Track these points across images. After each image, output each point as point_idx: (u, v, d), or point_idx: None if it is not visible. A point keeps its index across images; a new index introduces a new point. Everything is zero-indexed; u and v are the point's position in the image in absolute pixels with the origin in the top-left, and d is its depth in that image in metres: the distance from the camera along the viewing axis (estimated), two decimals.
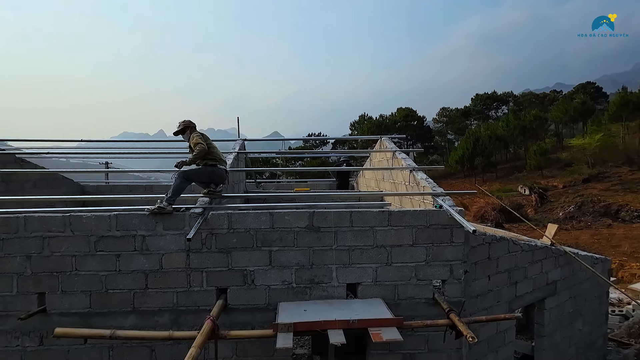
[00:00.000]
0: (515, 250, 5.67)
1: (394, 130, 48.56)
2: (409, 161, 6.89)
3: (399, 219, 4.65)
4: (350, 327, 3.93)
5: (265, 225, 4.51)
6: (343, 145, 47.11)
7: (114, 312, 4.38)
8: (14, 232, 4.31)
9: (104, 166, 17.43)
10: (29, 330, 4.33)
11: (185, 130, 5.09)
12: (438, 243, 4.69)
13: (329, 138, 57.69)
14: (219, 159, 5.09)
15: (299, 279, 4.55)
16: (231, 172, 6.88)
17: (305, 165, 34.18)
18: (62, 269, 4.34)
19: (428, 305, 4.67)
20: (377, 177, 8.77)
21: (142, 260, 4.40)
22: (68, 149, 10.47)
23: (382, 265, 4.63)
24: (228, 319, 4.35)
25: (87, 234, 4.35)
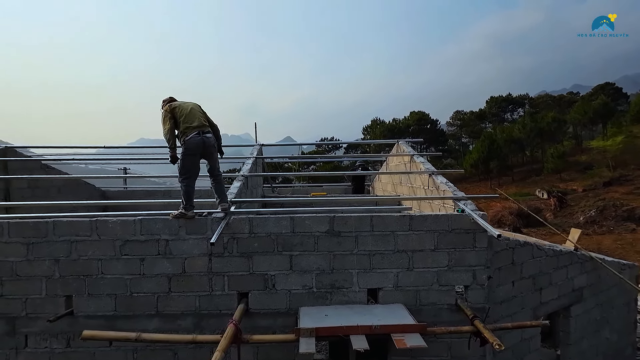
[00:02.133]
0: (539, 256, 5.54)
1: (407, 134, 48.28)
2: (427, 165, 6.83)
3: (420, 224, 4.60)
4: (372, 332, 3.90)
5: (286, 230, 4.52)
6: (356, 150, 47.04)
7: (139, 315, 4.45)
8: (43, 237, 4.43)
9: (122, 172, 17.82)
10: (56, 333, 4.44)
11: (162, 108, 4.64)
12: (460, 248, 4.62)
13: (342, 142, 57.71)
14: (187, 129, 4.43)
15: (319, 284, 4.54)
16: (250, 177, 6.95)
17: (318, 169, 34.26)
18: (89, 273, 4.44)
19: (451, 311, 4.60)
20: (394, 181, 8.71)
21: (166, 264, 4.46)
22: (88, 155, 10.76)
23: (403, 270, 4.59)
24: (249, 323, 4.37)
25: (113, 239, 4.45)
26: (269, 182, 10.90)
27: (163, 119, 4.52)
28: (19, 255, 4.42)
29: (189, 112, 4.53)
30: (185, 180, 4.52)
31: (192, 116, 4.52)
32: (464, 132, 60.43)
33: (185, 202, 4.51)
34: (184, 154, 4.47)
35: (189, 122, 4.47)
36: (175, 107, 4.53)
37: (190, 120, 4.47)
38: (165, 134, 4.47)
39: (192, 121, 4.48)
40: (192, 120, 4.48)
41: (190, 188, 4.56)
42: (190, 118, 4.50)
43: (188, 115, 4.50)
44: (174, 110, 4.51)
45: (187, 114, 4.50)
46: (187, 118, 4.49)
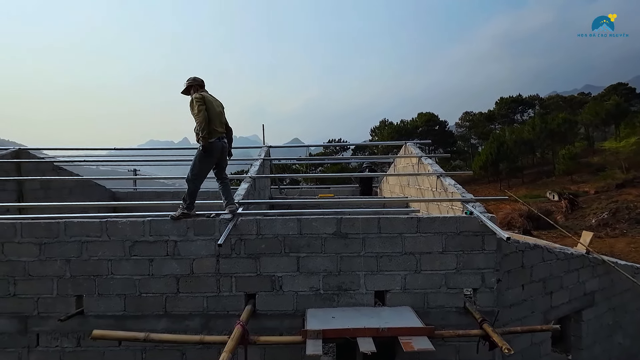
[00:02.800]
0: (550, 259, 5.46)
1: (415, 136, 48.01)
2: (435, 167, 6.78)
3: (428, 226, 4.57)
4: (379, 335, 3.88)
5: (293, 231, 4.53)
6: (364, 151, 46.93)
7: (147, 316, 4.49)
8: (55, 237, 4.51)
9: (132, 173, 18.03)
10: (67, 332, 4.50)
11: (190, 89, 4.56)
12: (469, 250, 4.57)
13: (350, 144, 57.63)
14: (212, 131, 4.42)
15: (326, 286, 4.54)
16: (257, 178, 6.98)
17: (326, 171, 34.26)
18: (99, 273, 4.50)
19: (459, 315, 4.55)
20: (402, 183, 8.67)
21: (174, 264, 4.50)
22: (99, 156, 10.92)
23: (411, 272, 4.56)
24: (256, 324, 4.38)
25: (123, 239, 4.50)
26: (276, 183, 10.93)
27: (197, 106, 4.35)
28: (31, 255, 4.50)
29: (217, 114, 4.54)
30: (196, 180, 4.56)
31: (218, 119, 4.55)
32: (473, 134, 59.88)
33: (189, 202, 4.56)
34: (203, 155, 4.48)
35: (215, 124, 4.48)
36: (206, 99, 4.46)
37: (217, 124, 4.50)
38: (201, 121, 4.30)
39: (218, 125, 4.52)
40: (218, 124, 4.52)
41: (197, 189, 4.61)
42: (217, 121, 4.52)
43: (216, 117, 4.51)
44: (204, 100, 4.43)
45: (215, 114, 4.49)
46: (215, 119, 4.48)
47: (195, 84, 4.60)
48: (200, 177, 4.60)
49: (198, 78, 4.66)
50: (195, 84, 4.60)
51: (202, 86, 4.65)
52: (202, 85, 4.65)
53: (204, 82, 4.67)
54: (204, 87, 4.68)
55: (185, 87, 4.61)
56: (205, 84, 4.69)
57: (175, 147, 11.46)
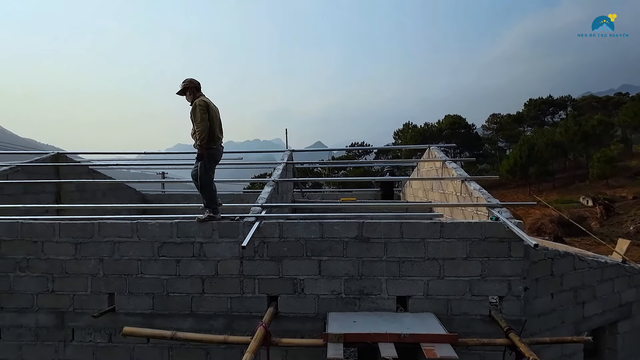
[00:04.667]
0: (581, 267, 5.24)
1: (440, 139, 47.14)
2: (460, 171, 6.66)
3: (451, 231, 4.50)
4: (401, 341, 3.85)
5: (315, 235, 4.57)
6: (387, 155, 46.47)
7: (174, 315, 4.65)
8: (89, 237, 4.75)
9: (161, 176, 18.69)
10: (100, 328, 4.72)
11: (186, 91, 4.53)
12: (494, 257, 4.47)
13: (373, 148, 57.25)
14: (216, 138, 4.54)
15: (348, 290, 4.55)
16: (280, 182, 7.08)
17: (348, 174, 34.17)
18: (129, 272, 4.70)
19: (484, 323, 4.45)
20: (425, 187, 8.56)
21: (200, 265, 4.64)
22: (130, 160, 11.38)
23: (433, 278, 4.50)
24: (278, 326, 4.44)
25: (152, 240, 4.69)
26: (299, 187, 11.03)
27: (201, 114, 4.39)
28: (68, 254, 4.76)
29: (218, 120, 4.67)
30: (208, 187, 4.68)
31: (219, 126, 4.71)
32: (500, 136, 58.17)
33: (213, 207, 4.69)
34: (211, 160, 4.65)
35: (218, 131, 4.64)
36: (209, 106, 4.54)
37: (218, 130, 4.66)
38: (203, 130, 4.37)
39: (219, 132, 4.68)
40: (219, 131, 4.67)
41: (214, 192, 4.76)
42: (218, 127, 4.65)
43: (217, 123, 4.65)
44: (208, 107, 4.51)
45: (216, 121, 4.63)
46: (216, 126, 4.61)
47: (192, 86, 4.57)
48: (210, 183, 4.72)
49: (195, 80, 4.64)
50: (192, 87, 4.57)
51: (199, 89, 4.64)
52: (199, 88, 4.63)
53: (200, 84, 4.66)
54: (201, 89, 4.66)
55: (181, 89, 4.58)
56: (201, 86, 4.67)
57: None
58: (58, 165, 8.67)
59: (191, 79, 4.66)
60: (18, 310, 4.79)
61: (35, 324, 4.77)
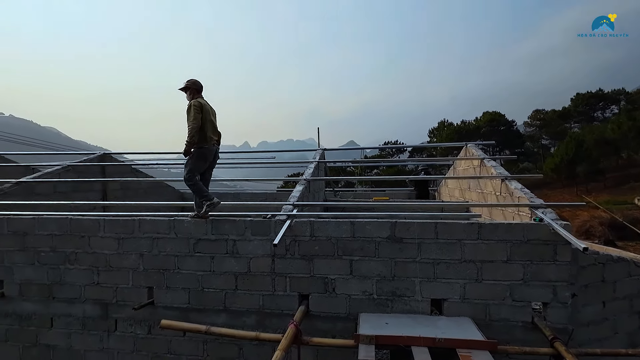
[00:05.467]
0: (637, 274, 4.80)
1: (478, 137, 45.29)
2: (499, 169, 6.34)
3: (490, 232, 4.28)
4: (436, 345, 3.70)
5: (346, 234, 4.52)
6: (421, 153, 45.36)
7: (208, 310, 4.77)
8: (131, 233, 4.98)
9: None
10: (140, 320, 4.94)
11: (187, 90, 4.86)
12: (538, 261, 4.20)
13: (407, 146, 56.06)
14: (207, 138, 4.76)
15: (380, 290, 4.45)
16: (312, 181, 7.09)
17: (381, 174, 33.71)
18: (167, 267, 4.88)
19: (526, 330, 4.19)
20: (462, 186, 8.24)
21: (233, 262, 4.73)
22: (170, 160, 11.86)
23: (470, 281, 4.30)
24: (309, 325, 4.43)
25: (187, 237, 4.84)
26: (331, 186, 11.01)
27: (193, 112, 4.63)
28: (111, 248, 5.02)
29: (211, 121, 4.89)
30: (194, 181, 4.83)
31: (213, 126, 4.95)
32: (544, 133, 54.96)
33: (204, 197, 4.81)
34: (200, 158, 4.85)
35: (210, 131, 4.85)
36: (203, 106, 4.77)
37: (211, 130, 4.88)
38: (192, 128, 4.60)
39: (213, 131, 4.92)
40: (213, 131, 4.92)
41: (201, 185, 4.90)
42: (212, 128, 4.91)
43: (210, 124, 4.87)
44: (202, 108, 4.74)
45: (210, 121, 4.84)
46: (210, 126, 4.85)
47: (193, 87, 4.88)
48: (194, 179, 4.87)
49: (198, 82, 4.94)
50: (193, 88, 4.88)
51: (200, 91, 4.93)
52: (200, 90, 4.93)
53: (202, 87, 4.97)
54: (201, 92, 4.96)
55: (184, 87, 4.90)
56: (203, 89, 4.98)
57: (237, 151, 12.07)
58: (104, 165, 9.20)
59: (195, 80, 4.96)
60: (67, 301, 5.12)
61: (83, 314, 5.08)
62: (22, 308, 5.23)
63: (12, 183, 6.89)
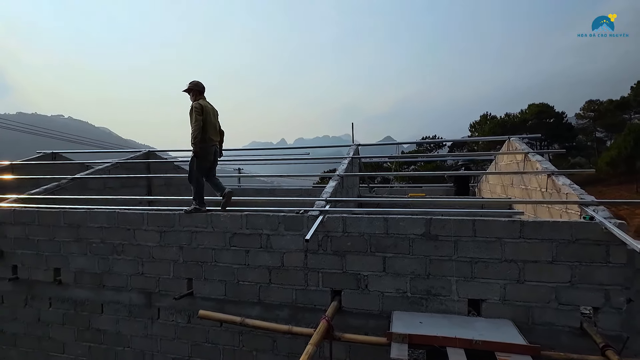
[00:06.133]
0: None
1: (524, 130, 42.74)
2: (546, 164, 5.95)
3: (534, 231, 4.03)
4: (472, 347, 3.56)
5: (380, 231, 4.45)
6: (461, 149, 43.59)
7: (243, 302, 4.90)
8: (171, 226, 5.23)
9: (236, 171, 19.96)
10: (180, 309, 5.18)
11: (190, 92, 5.06)
12: (588, 262, 3.90)
13: (445, 140, 54.08)
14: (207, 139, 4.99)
15: (414, 289, 4.35)
16: (345, 176, 7.05)
17: (419, 169, 32.86)
18: (205, 260, 5.07)
19: (573, 336, 3.92)
20: (504, 182, 7.83)
21: (267, 257, 4.82)
22: None
23: (511, 282, 4.08)
24: (342, 321, 4.42)
25: (224, 231, 4.99)
26: (365, 182, 10.89)
27: (195, 115, 4.87)
28: (154, 241, 5.30)
29: (213, 123, 5.10)
30: (197, 181, 5.18)
31: (214, 128, 5.15)
32: (598, 125, 50.83)
33: (199, 200, 5.14)
34: (203, 158, 5.08)
35: (211, 133, 5.07)
36: (204, 108, 4.98)
37: (212, 132, 5.09)
38: (194, 130, 4.86)
39: (214, 132, 5.13)
40: (213, 132, 5.12)
41: (202, 187, 5.23)
42: (213, 130, 5.11)
43: (212, 125, 5.07)
44: (203, 110, 4.95)
45: (210, 123, 5.05)
46: (211, 128, 5.05)
47: (196, 89, 5.09)
48: (199, 178, 5.20)
49: (200, 84, 5.13)
50: (196, 90, 5.09)
51: (202, 92, 5.12)
52: (202, 91, 5.13)
53: (205, 88, 5.18)
54: (203, 93, 5.16)
55: (187, 88, 5.11)
56: (205, 90, 5.18)
57: (274, 147, 12.27)
58: (149, 162, 9.72)
59: (197, 82, 5.15)
60: (116, 289, 5.48)
61: (129, 302, 5.41)
62: (77, 294, 5.67)
63: (68, 179, 7.47)
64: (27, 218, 5.88)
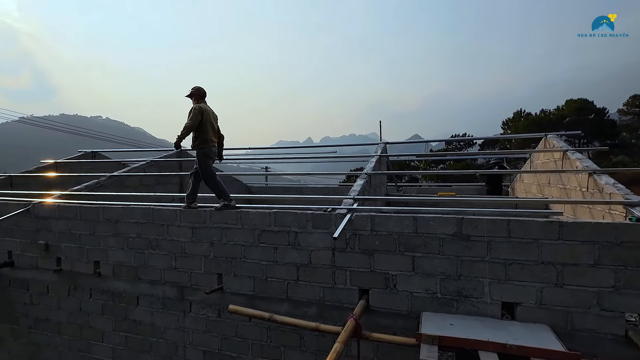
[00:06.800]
0: None
1: (561, 128, 40.68)
2: (586, 162, 5.64)
3: (573, 232, 3.83)
4: (506, 352, 3.43)
5: (408, 230, 4.37)
6: (494, 147, 42.14)
7: (272, 298, 4.97)
8: (203, 223, 5.37)
9: (264, 170, 20.28)
10: (211, 304, 5.33)
11: (192, 96, 5.37)
12: (634, 266, 3.66)
13: (477, 138, 52.40)
14: (208, 139, 5.27)
15: (444, 290, 4.25)
16: (373, 175, 6.98)
17: (448, 168, 32.04)
18: (234, 256, 5.18)
19: (617, 344, 3.69)
20: (541, 181, 7.49)
21: (295, 254, 4.86)
22: (238, 155, 12.55)
23: (549, 285, 3.90)
24: (369, 320, 4.39)
25: (253, 228, 5.08)
26: (393, 180, 10.75)
27: (194, 114, 5.14)
28: (186, 237, 5.47)
29: (212, 125, 5.38)
30: (212, 180, 5.41)
31: (214, 130, 5.44)
32: None
33: (225, 196, 5.36)
34: (205, 158, 5.37)
35: (211, 134, 5.36)
36: (204, 111, 5.27)
37: (212, 133, 5.39)
38: (191, 125, 5.13)
39: (213, 134, 5.43)
40: (213, 134, 5.41)
41: (220, 184, 5.44)
42: (212, 131, 5.40)
43: (211, 127, 5.36)
44: (203, 112, 5.24)
45: (211, 125, 5.34)
46: (211, 129, 5.35)
47: (197, 93, 5.39)
48: (213, 176, 5.46)
49: (202, 89, 5.43)
50: (198, 94, 5.39)
51: (203, 97, 5.43)
52: (203, 96, 5.43)
53: (206, 93, 5.48)
54: (205, 97, 5.46)
55: (189, 93, 5.42)
56: (206, 94, 5.48)
57: (299, 146, 12.37)
58: (181, 160, 10.04)
59: (199, 87, 5.45)
60: (151, 282, 5.71)
61: (163, 295, 5.62)
62: (115, 286, 5.95)
63: (107, 176, 7.85)
64: (70, 213, 6.23)
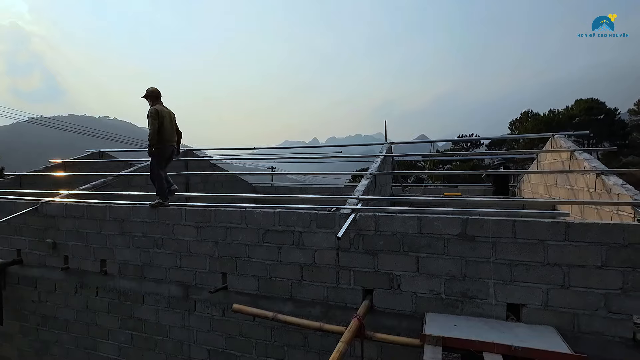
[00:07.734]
0: None
1: (570, 127, 40.20)
2: (595, 163, 5.57)
3: (580, 233, 3.79)
4: (511, 354, 3.40)
5: (413, 230, 4.35)
6: (500, 147, 41.77)
7: (276, 298, 4.98)
8: (207, 222, 5.40)
9: (270, 170, 20.35)
10: (215, 302, 5.35)
11: (147, 98, 5.56)
12: None
13: (483, 138, 51.97)
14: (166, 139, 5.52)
15: (448, 290, 4.22)
16: (378, 175, 6.96)
17: (454, 169, 31.85)
18: (239, 255, 5.19)
19: (625, 347, 3.64)
20: (548, 182, 7.41)
21: (299, 253, 4.86)
22: (244, 155, 12.60)
23: (555, 287, 3.86)
24: (373, 320, 4.38)
25: (257, 227, 5.09)
26: (399, 181, 10.71)
27: (152, 118, 5.42)
28: (191, 236, 5.50)
29: (168, 126, 5.63)
30: (158, 179, 5.71)
31: (169, 131, 5.67)
32: None
33: (162, 195, 5.72)
34: (161, 157, 5.67)
35: (167, 135, 5.61)
36: (160, 112, 5.51)
37: (168, 134, 5.62)
38: (154, 132, 5.44)
39: (170, 134, 5.67)
40: (170, 134, 5.67)
41: (163, 183, 5.75)
42: (169, 132, 5.64)
43: (167, 129, 5.61)
44: (158, 114, 5.48)
45: (166, 126, 5.59)
46: (166, 131, 5.60)
47: (152, 95, 5.61)
48: (159, 176, 5.73)
49: (156, 90, 5.65)
50: (152, 95, 5.61)
51: (158, 98, 5.64)
52: (158, 96, 5.65)
53: (161, 94, 5.70)
54: (160, 98, 5.68)
55: (144, 95, 5.64)
56: (161, 95, 5.70)
57: (304, 146, 12.38)
58: (187, 160, 10.09)
59: (153, 88, 5.68)
60: (156, 281, 5.75)
61: (168, 293, 5.66)
62: (121, 285, 6.00)
63: (113, 176, 7.92)
64: (77, 212, 6.30)
